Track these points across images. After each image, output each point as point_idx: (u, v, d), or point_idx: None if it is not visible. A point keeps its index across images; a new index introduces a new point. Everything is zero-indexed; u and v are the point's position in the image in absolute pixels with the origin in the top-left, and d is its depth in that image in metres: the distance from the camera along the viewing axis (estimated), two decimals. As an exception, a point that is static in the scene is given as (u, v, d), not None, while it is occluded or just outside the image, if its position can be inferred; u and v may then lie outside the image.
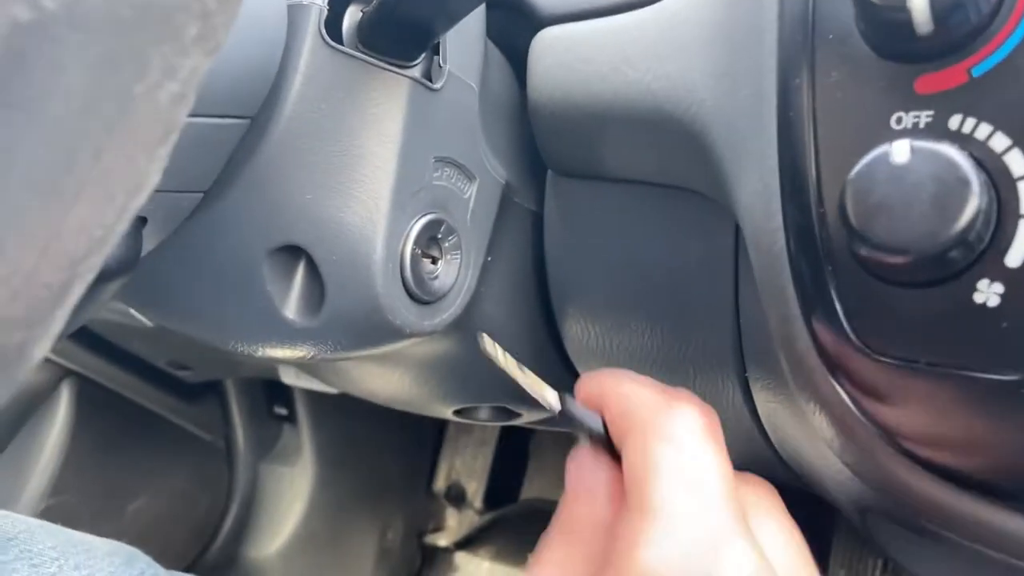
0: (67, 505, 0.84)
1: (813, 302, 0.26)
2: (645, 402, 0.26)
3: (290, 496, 1.05)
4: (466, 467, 1.13)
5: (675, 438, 0.25)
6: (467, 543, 1.12)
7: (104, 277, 0.29)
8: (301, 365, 0.70)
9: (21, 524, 0.39)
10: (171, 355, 0.87)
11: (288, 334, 0.38)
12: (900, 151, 0.23)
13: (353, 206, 0.35)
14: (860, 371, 0.25)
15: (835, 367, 0.26)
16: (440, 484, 1.13)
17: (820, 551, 0.80)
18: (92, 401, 0.88)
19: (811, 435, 0.34)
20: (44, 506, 0.82)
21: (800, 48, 0.26)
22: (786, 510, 0.27)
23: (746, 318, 0.38)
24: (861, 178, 0.23)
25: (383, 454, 1.09)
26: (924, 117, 0.24)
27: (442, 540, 1.12)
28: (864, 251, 0.23)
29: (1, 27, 0.13)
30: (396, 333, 0.38)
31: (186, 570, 1.01)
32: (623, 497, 0.25)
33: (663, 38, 0.35)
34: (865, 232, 0.23)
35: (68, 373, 0.85)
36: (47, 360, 0.83)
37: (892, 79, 0.24)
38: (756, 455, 0.47)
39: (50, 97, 0.14)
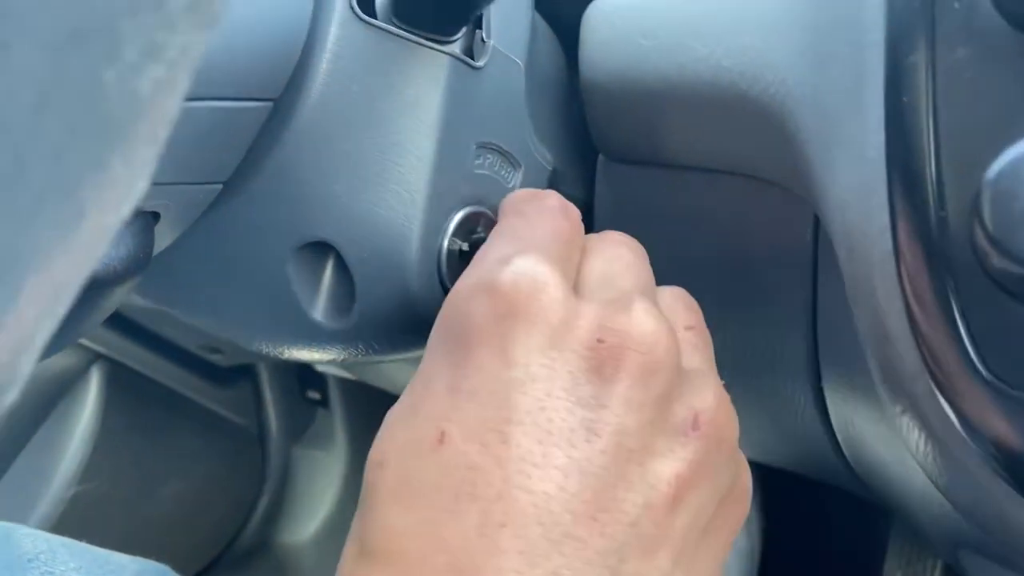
0: (97, 491, 0.83)
1: (927, 322, 0.22)
2: (518, 194, 0.31)
3: (323, 481, 1.03)
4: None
5: (525, 212, 0.28)
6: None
7: (110, 281, 0.26)
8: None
9: (42, 543, 0.36)
10: (203, 339, 0.85)
11: (316, 336, 0.35)
12: (1053, 146, 0.19)
13: (387, 199, 0.32)
14: (986, 406, 0.21)
15: (953, 399, 0.22)
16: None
17: (875, 552, 0.76)
18: (123, 385, 0.86)
19: (906, 464, 0.30)
20: (73, 492, 0.80)
21: (916, 18, 0.22)
22: (630, 243, 0.30)
23: (825, 324, 0.34)
24: (1004, 178, 0.19)
25: (417, 440, 1.07)
26: (1077, 103, 0.20)
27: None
28: (1003, 266, 0.19)
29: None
30: (433, 337, 0.35)
31: (219, 555, 1.01)
32: None
33: (737, 7, 0.31)
34: (1007, 243, 0.19)
35: (98, 357, 0.84)
36: (76, 344, 0.82)
37: (1035, 56, 0.20)
38: (822, 464, 0.43)
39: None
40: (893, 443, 0.31)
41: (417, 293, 0.33)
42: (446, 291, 0.35)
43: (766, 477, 0.68)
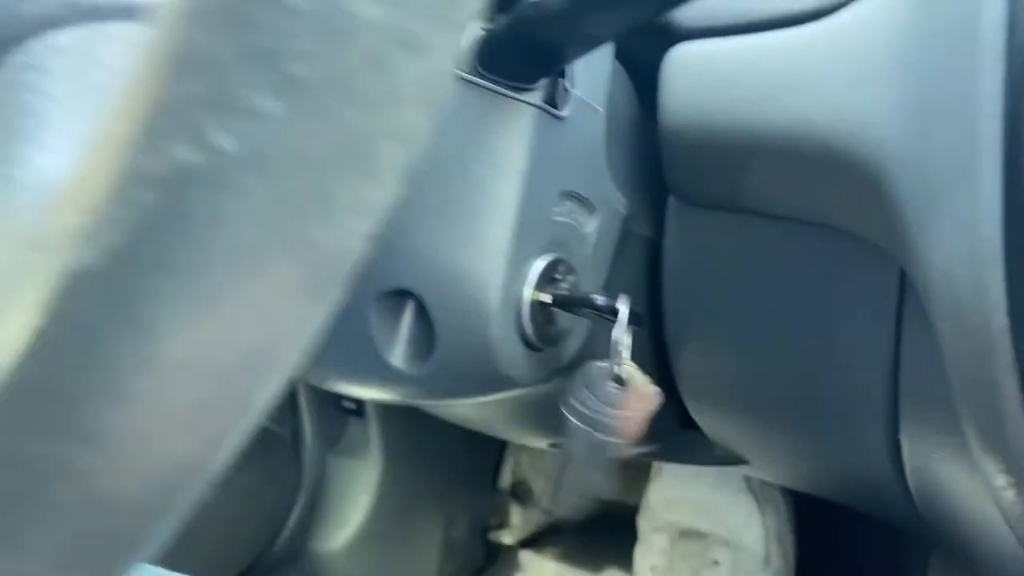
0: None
1: (1049, 406, 0.22)
2: None
3: (357, 489, 1.04)
4: (533, 465, 1.11)
5: None
6: (532, 542, 1.10)
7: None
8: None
9: None
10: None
11: (392, 380, 0.35)
12: None
13: (470, 250, 0.32)
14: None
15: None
16: (505, 481, 1.12)
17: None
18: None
19: (992, 525, 0.29)
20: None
21: (1039, 96, 0.22)
22: None
23: (908, 377, 0.33)
24: None
25: (450, 449, 1.07)
26: None
27: (506, 538, 1.10)
28: None
29: (158, 174, 0.09)
30: (509, 383, 0.35)
31: (253, 563, 1.01)
32: None
33: (831, 61, 0.30)
34: None
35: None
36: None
37: None
38: (885, 504, 0.43)
39: (206, 257, 0.10)
40: (977, 501, 0.31)
41: (496, 341, 0.33)
42: (525, 341, 0.34)
43: (802, 506, 0.68)
